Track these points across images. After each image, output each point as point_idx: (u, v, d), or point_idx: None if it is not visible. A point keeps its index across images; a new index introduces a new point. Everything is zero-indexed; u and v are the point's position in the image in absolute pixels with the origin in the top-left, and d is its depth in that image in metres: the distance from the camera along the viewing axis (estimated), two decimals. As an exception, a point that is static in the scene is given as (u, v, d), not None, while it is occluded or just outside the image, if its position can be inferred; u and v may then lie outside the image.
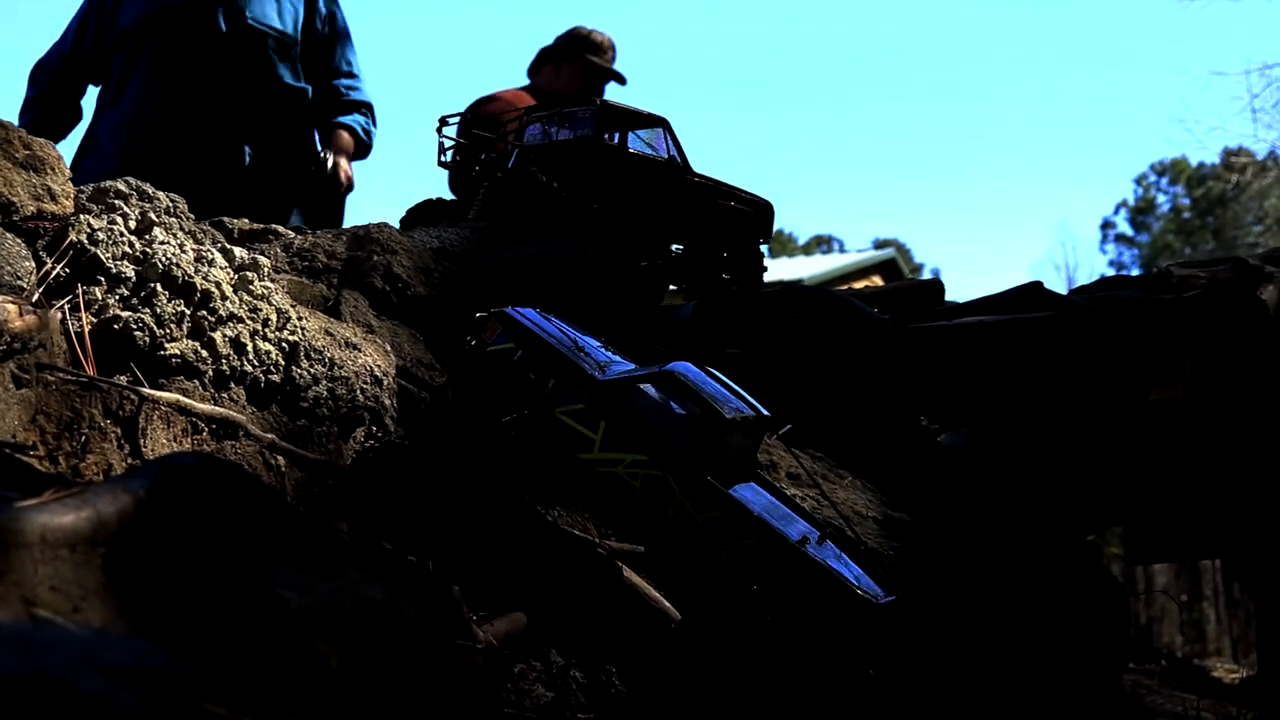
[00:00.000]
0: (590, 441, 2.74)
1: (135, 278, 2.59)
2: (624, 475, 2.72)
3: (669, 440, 2.70)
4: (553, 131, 4.37)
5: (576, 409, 2.76)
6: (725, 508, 2.69)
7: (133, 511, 1.64)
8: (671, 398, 2.74)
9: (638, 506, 2.73)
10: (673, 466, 2.70)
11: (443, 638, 2.15)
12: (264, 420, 2.74)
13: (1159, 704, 7.33)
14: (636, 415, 2.73)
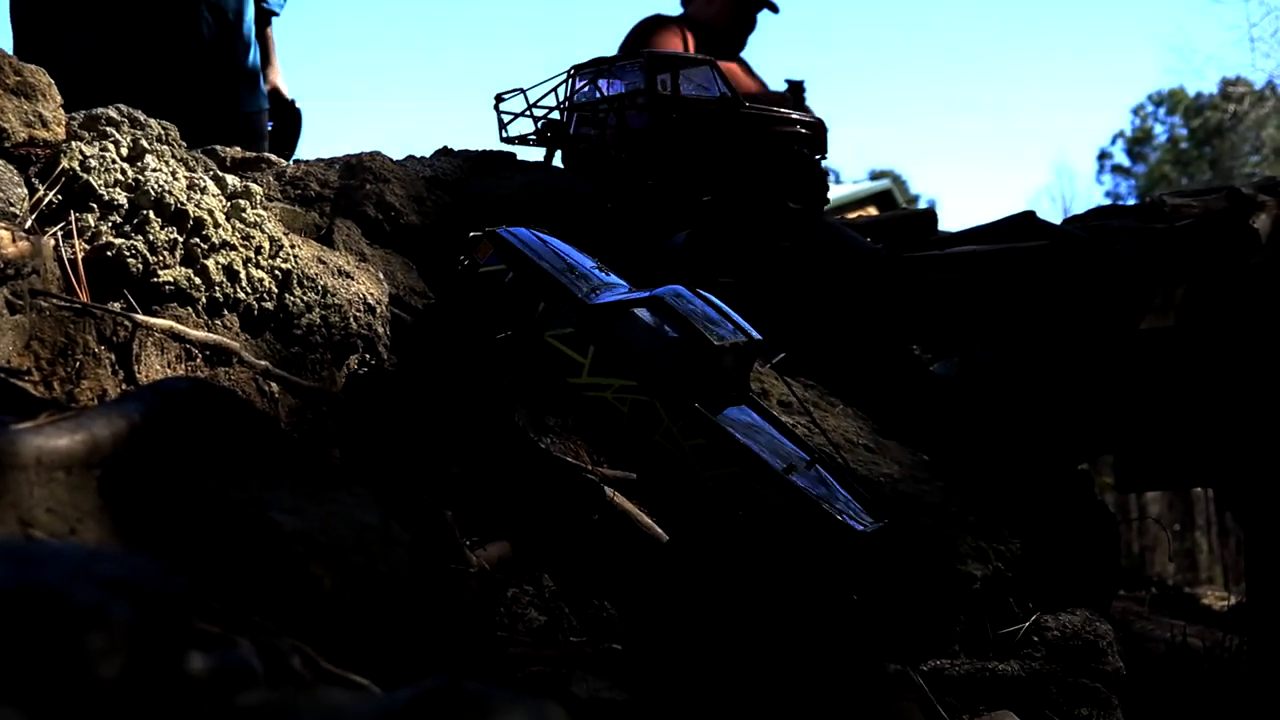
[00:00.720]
0: (579, 366, 2.74)
1: (128, 205, 2.59)
2: (612, 400, 2.72)
3: (657, 366, 2.70)
4: (603, 85, 4.38)
5: (566, 333, 2.76)
6: (711, 434, 2.69)
7: (127, 435, 1.65)
8: (661, 323, 2.74)
9: (625, 431, 2.73)
10: (660, 392, 2.70)
11: (436, 562, 2.17)
12: (257, 347, 2.75)
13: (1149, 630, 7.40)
14: (625, 340, 2.73)
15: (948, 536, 3.08)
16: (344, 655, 1.68)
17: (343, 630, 1.70)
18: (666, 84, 4.32)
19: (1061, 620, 3.13)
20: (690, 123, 4.37)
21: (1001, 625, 3.09)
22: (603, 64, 4.43)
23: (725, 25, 7.12)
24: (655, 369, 2.70)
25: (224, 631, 1.46)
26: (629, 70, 4.37)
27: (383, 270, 3.30)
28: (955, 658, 3.02)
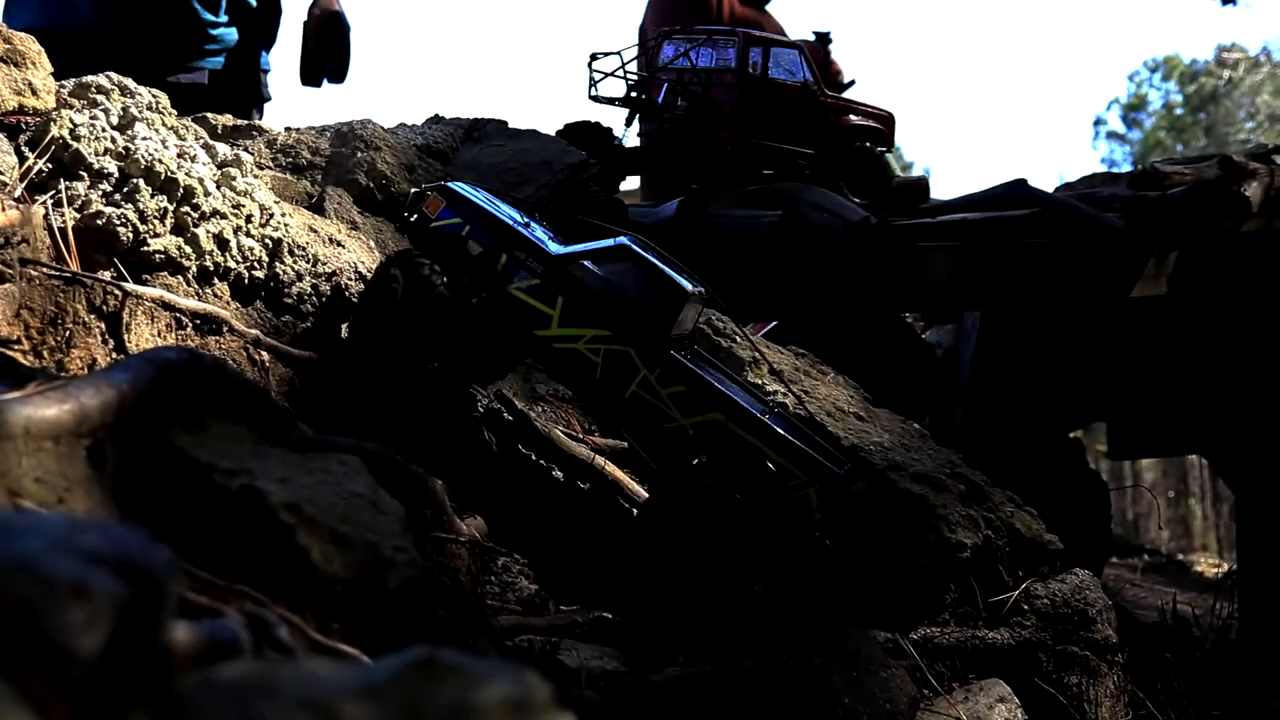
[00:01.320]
0: (548, 317, 2.70)
1: (118, 173, 2.59)
2: (584, 351, 2.69)
3: (632, 314, 2.68)
4: (693, 55, 4.44)
5: (532, 284, 2.71)
6: (691, 381, 2.68)
7: (116, 405, 1.65)
8: (629, 271, 2.71)
9: (599, 382, 2.71)
10: (636, 340, 2.68)
11: (425, 531, 2.17)
12: (248, 316, 2.75)
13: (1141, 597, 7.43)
14: (595, 290, 2.70)
15: (938, 504, 3.08)
16: (333, 624, 1.69)
17: (331, 599, 1.71)
18: (758, 65, 4.39)
19: (1051, 588, 3.14)
20: (772, 105, 4.44)
21: (992, 593, 3.10)
22: (696, 35, 4.50)
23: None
24: (629, 317, 2.67)
25: (211, 601, 1.47)
26: (719, 44, 4.43)
27: (374, 238, 3.30)
28: (945, 626, 3.03)
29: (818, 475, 2.68)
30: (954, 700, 2.81)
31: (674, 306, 2.67)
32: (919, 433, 3.51)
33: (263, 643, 1.44)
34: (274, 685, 0.80)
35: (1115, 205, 4.77)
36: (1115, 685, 3.11)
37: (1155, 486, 17.65)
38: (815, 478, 2.68)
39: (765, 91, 4.42)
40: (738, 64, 4.42)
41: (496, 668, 0.86)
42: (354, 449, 2.06)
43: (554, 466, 3.10)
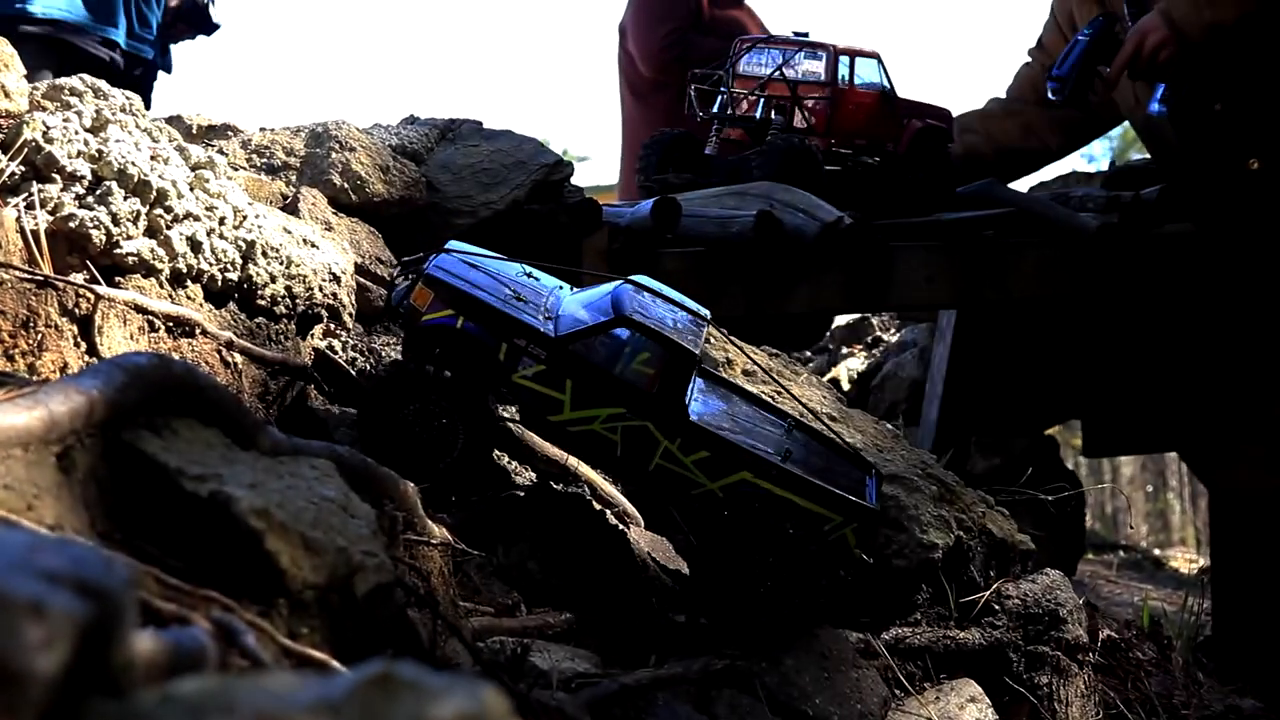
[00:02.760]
0: (559, 403, 2.65)
1: (91, 176, 2.59)
2: (602, 431, 2.65)
3: (642, 389, 2.65)
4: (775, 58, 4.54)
5: (538, 371, 2.65)
6: (714, 446, 2.66)
7: (86, 411, 1.66)
8: (633, 341, 2.67)
9: (622, 459, 2.68)
10: (652, 414, 2.65)
11: (397, 534, 2.18)
12: (221, 318, 2.75)
13: (1115, 594, 7.46)
14: (602, 369, 2.65)
15: (910, 505, 3.10)
16: (303, 630, 1.70)
17: (301, 605, 1.71)
18: (845, 76, 4.56)
19: (1023, 588, 3.16)
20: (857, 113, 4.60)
21: (964, 594, 3.12)
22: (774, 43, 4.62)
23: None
24: (641, 392, 2.65)
25: (180, 609, 1.47)
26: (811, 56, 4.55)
27: (349, 239, 3.30)
28: (917, 626, 3.05)
29: (852, 514, 2.69)
30: (925, 700, 2.83)
31: (684, 373, 2.66)
32: (892, 433, 3.53)
33: (231, 650, 1.45)
34: (231, 700, 0.81)
35: (1089, 205, 4.80)
36: (1085, 684, 3.13)
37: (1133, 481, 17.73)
38: (850, 517, 2.69)
39: (852, 101, 4.56)
40: (827, 75, 4.54)
41: (454, 682, 0.87)
42: (326, 452, 2.06)
43: (527, 467, 3.11)
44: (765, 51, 4.66)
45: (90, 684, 0.84)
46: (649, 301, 2.76)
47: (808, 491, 2.68)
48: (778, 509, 2.67)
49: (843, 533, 2.69)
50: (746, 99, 4.59)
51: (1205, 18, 4.51)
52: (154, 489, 1.70)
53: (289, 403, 2.82)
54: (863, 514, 2.71)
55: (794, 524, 2.67)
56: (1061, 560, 5.64)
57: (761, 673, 2.56)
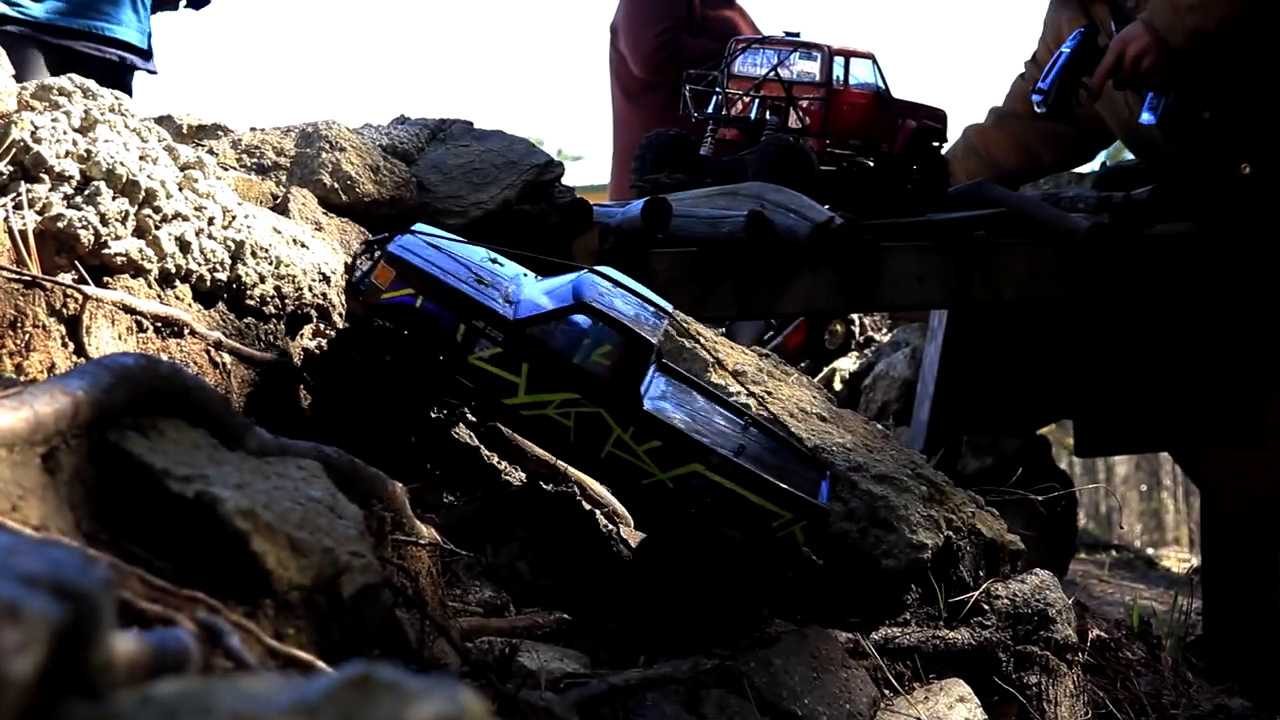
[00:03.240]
0: (514, 386, 2.64)
1: (79, 176, 2.59)
2: (555, 416, 2.65)
3: (599, 376, 2.64)
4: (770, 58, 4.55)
5: (495, 353, 2.65)
6: (666, 436, 2.66)
7: (71, 412, 1.66)
8: (591, 328, 2.67)
9: (574, 445, 2.68)
10: (607, 401, 2.65)
11: (385, 534, 2.18)
12: (210, 318, 2.75)
13: (1107, 593, 7.47)
14: (559, 355, 2.66)
15: (899, 505, 3.10)
16: (289, 630, 1.70)
17: (287, 606, 1.71)
18: (840, 76, 4.57)
19: (1012, 588, 3.17)
20: (852, 114, 4.61)
21: (953, 594, 3.12)
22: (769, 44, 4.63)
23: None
24: (596, 379, 2.64)
25: (165, 610, 1.47)
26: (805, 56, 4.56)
27: (339, 239, 3.30)
28: (906, 626, 3.05)
29: (801, 511, 2.69)
30: (914, 700, 2.83)
31: (641, 361, 2.65)
32: (882, 433, 3.54)
33: (215, 651, 1.45)
34: (208, 702, 0.81)
35: (1080, 206, 4.80)
36: (1074, 684, 3.14)
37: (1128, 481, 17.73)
38: (799, 514, 2.68)
39: (846, 102, 4.58)
40: (822, 75, 4.55)
41: (433, 684, 0.87)
42: (313, 453, 2.06)
43: (517, 467, 3.11)
44: (760, 52, 4.67)
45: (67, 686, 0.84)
46: (611, 291, 2.75)
47: (758, 487, 2.68)
48: (727, 503, 2.67)
49: (791, 530, 2.69)
50: (741, 99, 4.60)
51: (1187, 24, 4.52)
52: (140, 490, 1.70)
53: (278, 403, 2.81)
54: (811, 512, 2.70)
55: (743, 519, 2.66)
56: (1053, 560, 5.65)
57: (750, 673, 2.57)
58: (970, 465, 6.29)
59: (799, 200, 4.05)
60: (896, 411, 6.94)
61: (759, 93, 4.55)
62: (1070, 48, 4.78)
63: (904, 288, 4.55)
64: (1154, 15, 4.59)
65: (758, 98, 4.56)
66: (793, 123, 4.50)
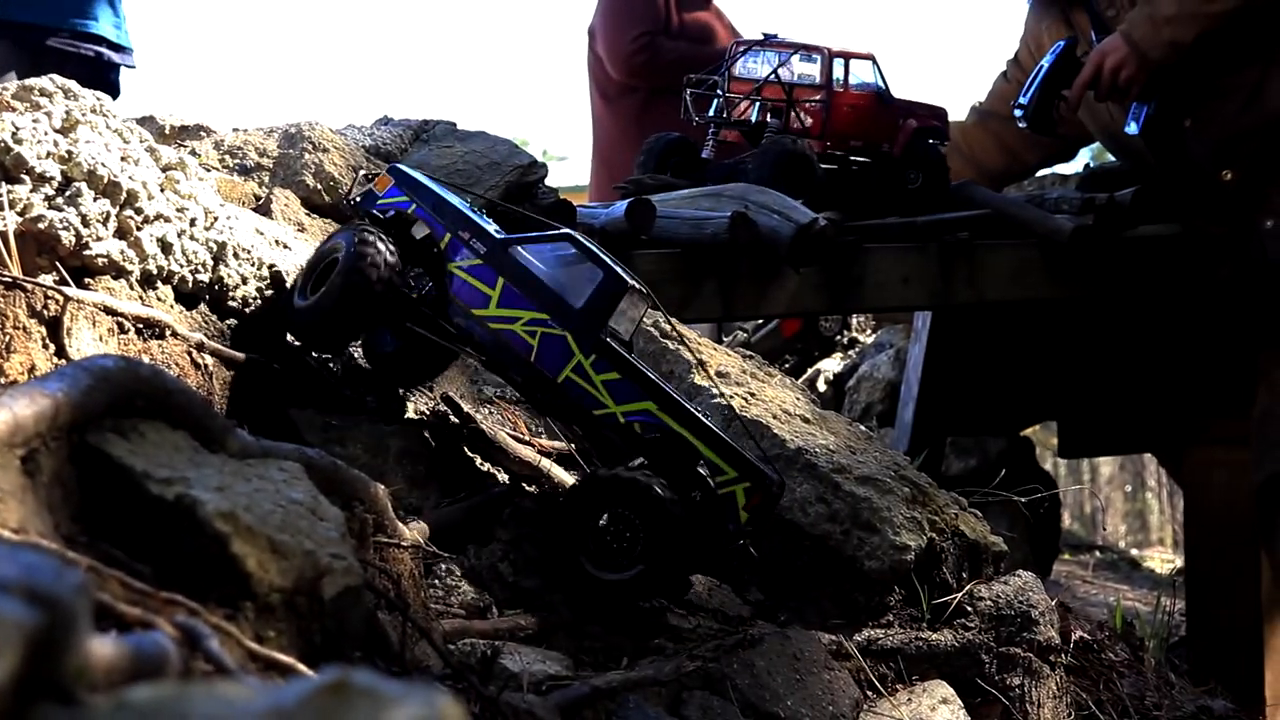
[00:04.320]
0: (487, 298, 2.70)
1: (60, 177, 2.58)
2: (521, 332, 2.69)
3: (570, 300, 2.69)
4: (770, 60, 4.57)
5: (474, 264, 2.72)
6: (625, 370, 2.68)
7: (51, 414, 1.65)
8: (573, 259, 2.72)
9: (533, 365, 2.70)
10: (574, 326, 2.68)
11: (367, 536, 2.18)
12: (191, 320, 2.74)
13: (1091, 594, 7.49)
14: (536, 275, 2.70)
15: (883, 506, 3.10)
16: (269, 633, 1.69)
17: (268, 608, 1.71)
18: (841, 78, 4.57)
19: (995, 590, 3.17)
20: (852, 115, 4.60)
21: (936, 595, 3.12)
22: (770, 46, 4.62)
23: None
24: (569, 303, 2.68)
25: (144, 613, 1.47)
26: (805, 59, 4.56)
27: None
28: (890, 628, 3.05)
29: (747, 473, 2.69)
30: (897, 702, 2.83)
31: (614, 294, 2.68)
32: (865, 435, 3.54)
33: (195, 655, 1.45)
34: (184, 707, 0.81)
35: (1064, 207, 4.80)
36: (1057, 686, 3.14)
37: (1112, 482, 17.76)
38: (744, 475, 2.69)
39: (847, 103, 4.57)
40: (822, 77, 4.55)
41: (410, 689, 0.86)
42: (295, 455, 2.06)
43: (500, 469, 3.11)
44: (760, 54, 4.67)
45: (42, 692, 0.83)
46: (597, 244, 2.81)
47: (707, 437, 2.69)
48: (675, 445, 2.68)
49: (733, 489, 2.69)
50: (747, 100, 4.60)
51: (1164, 37, 4.54)
52: (120, 492, 1.70)
53: (260, 405, 2.81)
54: (756, 475, 2.70)
55: (683, 472, 2.66)
56: (1037, 561, 5.67)
57: (733, 674, 2.56)
58: (954, 467, 6.30)
59: (783, 201, 4.05)
60: (880, 413, 6.94)
61: (759, 95, 4.55)
62: (1050, 61, 4.79)
63: (888, 289, 4.55)
64: (1132, 28, 4.60)
65: (758, 100, 4.56)
66: (793, 125, 4.50)
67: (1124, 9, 4.78)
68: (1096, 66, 4.66)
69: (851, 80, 4.59)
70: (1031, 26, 5.37)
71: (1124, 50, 4.59)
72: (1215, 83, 4.65)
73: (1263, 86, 4.61)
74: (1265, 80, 4.61)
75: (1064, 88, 4.77)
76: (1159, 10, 4.56)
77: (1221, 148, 4.66)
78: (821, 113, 4.51)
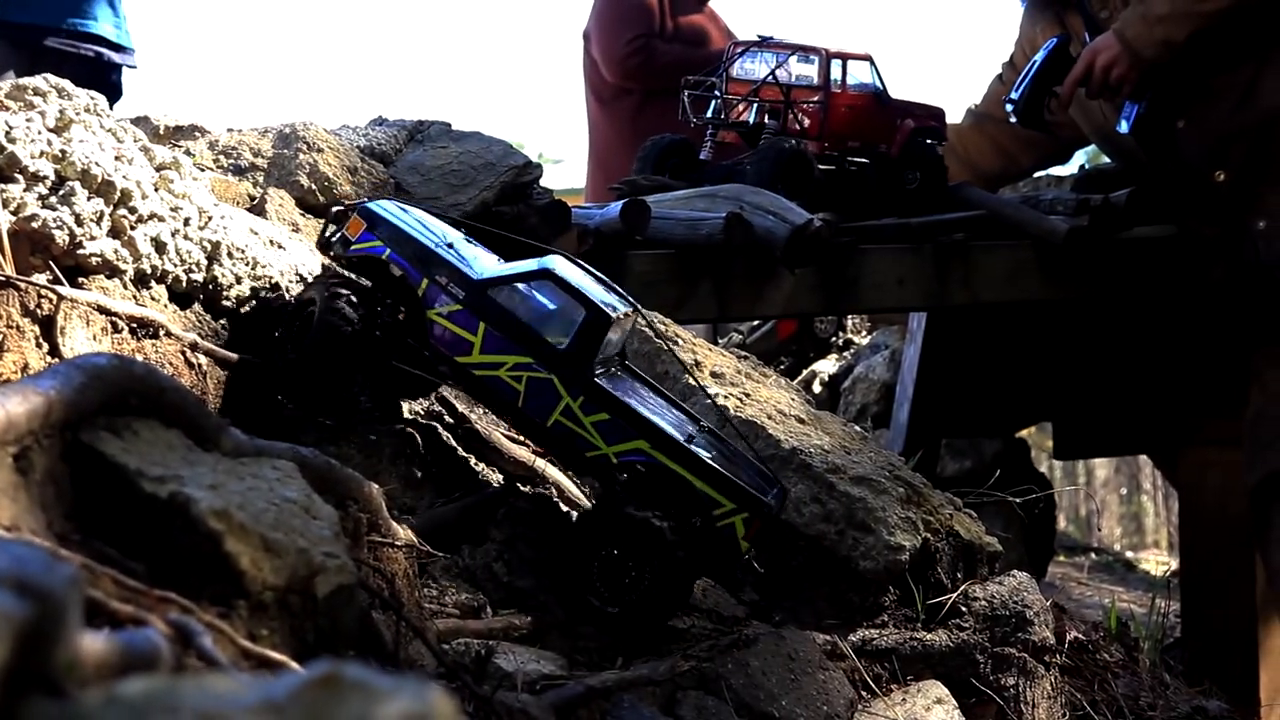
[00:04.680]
0: (470, 344, 2.67)
1: (54, 176, 2.58)
2: (506, 378, 2.66)
3: (555, 342, 2.66)
4: (769, 62, 4.57)
5: (454, 310, 2.68)
6: (615, 409, 2.66)
7: (44, 412, 1.65)
8: (552, 296, 2.70)
9: (522, 410, 2.69)
10: (559, 368, 2.66)
11: (361, 535, 2.18)
12: (185, 319, 2.74)
13: (1086, 596, 7.49)
14: (517, 316, 2.68)
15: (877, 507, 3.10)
16: (263, 631, 1.69)
17: (261, 606, 1.71)
18: (839, 79, 4.57)
19: (990, 590, 3.16)
20: (851, 116, 4.61)
21: (930, 595, 3.12)
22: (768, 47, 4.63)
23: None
24: (552, 346, 2.66)
25: (137, 610, 1.47)
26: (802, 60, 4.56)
27: (316, 241, 3.29)
28: (884, 628, 3.05)
29: (744, 503, 2.66)
30: (891, 702, 2.83)
31: (598, 332, 2.66)
32: (860, 435, 3.53)
33: (187, 652, 1.45)
34: (175, 701, 0.81)
35: (1059, 208, 4.81)
36: (1052, 686, 3.14)
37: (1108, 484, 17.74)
38: (742, 505, 2.66)
39: (845, 104, 4.58)
40: (820, 78, 4.55)
41: (401, 683, 0.86)
42: (289, 454, 2.06)
43: (495, 469, 3.11)
44: (759, 55, 4.67)
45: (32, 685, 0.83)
46: (580, 273, 2.78)
47: (701, 471, 2.66)
48: (668, 484, 2.65)
49: (731, 521, 2.66)
50: (744, 101, 4.60)
51: (1156, 35, 4.54)
52: (113, 490, 1.70)
53: (253, 404, 2.80)
54: (754, 505, 2.67)
55: (681, 506, 2.64)
56: (1032, 562, 5.67)
57: (727, 674, 2.56)
58: (949, 467, 6.30)
59: (778, 202, 4.05)
60: (875, 414, 6.94)
61: (757, 97, 4.55)
62: (1042, 57, 4.80)
63: (883, 290, 4.55)
64: (1125, 26, 4.61)
65: (756, 102, 4.56)
66: (791, 126, 4.50)
67: (1117, 11, 4.78)
68: (1088, 64, 4.66)
69: (849, 81, 4.59)
70: (1026, 29, 5.37)
71: (1116, 48, 4.60)
72: (1208, 82, 4.65)
73: (1255, 86, 4.61)
74: (1258, 80, 4.61)
75: (1056, 84, 4.77)
76: (1152, 9, 4.56)
77: (1214, 148, 4.66)
78: (819, 114, 4.51)
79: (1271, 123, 4.57)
